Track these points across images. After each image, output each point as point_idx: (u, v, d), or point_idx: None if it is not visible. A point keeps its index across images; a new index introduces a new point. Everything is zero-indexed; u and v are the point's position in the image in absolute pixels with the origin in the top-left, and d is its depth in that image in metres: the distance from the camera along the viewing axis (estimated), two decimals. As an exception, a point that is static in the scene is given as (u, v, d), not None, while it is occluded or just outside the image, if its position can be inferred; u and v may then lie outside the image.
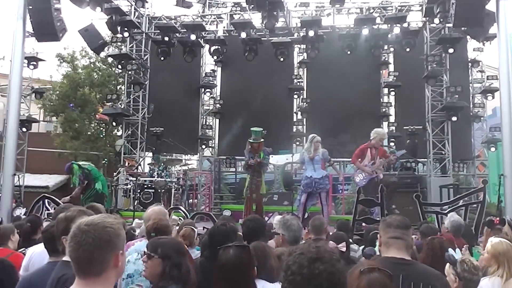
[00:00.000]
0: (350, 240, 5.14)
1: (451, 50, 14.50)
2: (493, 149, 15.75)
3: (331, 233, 5.06)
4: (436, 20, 13.67)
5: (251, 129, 11.05)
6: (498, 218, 5.07)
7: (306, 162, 10.02)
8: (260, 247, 3.31)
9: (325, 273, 1.78)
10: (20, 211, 10.62)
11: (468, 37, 14.90)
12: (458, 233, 5.83)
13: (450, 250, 4.03)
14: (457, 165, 15.86)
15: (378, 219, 7.61)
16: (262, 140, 10.92)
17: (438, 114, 15.38)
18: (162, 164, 13.71)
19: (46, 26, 10.78)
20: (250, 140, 10.88)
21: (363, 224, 7.97)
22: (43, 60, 15.74)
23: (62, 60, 20.90)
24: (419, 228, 6.05)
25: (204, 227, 7.16)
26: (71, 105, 19.99)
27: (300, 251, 1.85)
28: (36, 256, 3.87)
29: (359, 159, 10.32)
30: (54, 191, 16.98)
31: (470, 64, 16.66)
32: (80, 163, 11.10)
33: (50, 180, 19.33)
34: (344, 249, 4.39)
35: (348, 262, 4.19)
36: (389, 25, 14.82)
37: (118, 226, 2.05)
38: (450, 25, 13.04)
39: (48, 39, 11.37)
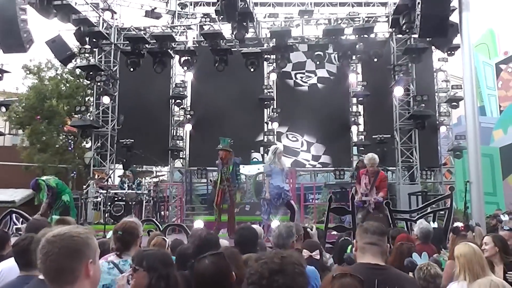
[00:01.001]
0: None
1: (417, 60, 14.88)
2: (459, 156, 16.16)
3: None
4: (402, 31, 13.99)
5: (220, 138, 11.05)
6: (463, 225, 5.20)
7: (276, 173, 9.96)
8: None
9: (284, 286, 1.80)
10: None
11: (433, 47, 15.31)
12: (427, 239, 5.96)
13: (414, 256, 4.10)
14: (424, 172, 16.18)
15: (349, 227, 7.71)
16: (231, 150, 10.86)
17: (406, 122, 15.71)
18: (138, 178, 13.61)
19: (12, 37, 10.62)
20: (217, 148, 10.85)
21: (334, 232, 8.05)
22: (9, 72, 15.41)
23: (28, 72, 20.52)
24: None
25: (176, 239, 7.09)
26: (38, 117, 19.63)
27: (265, 260, 1.87)
28: (6, 271, 3.80)
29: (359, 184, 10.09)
30: (21, 206, 16.56)
31: (435, 73, 17.09)
32: (44, 178, 10.88)
33: (17, 194, 18.87)
34: (318, 257, 4.44)
35: (322, 269, 4.25)
36: (356, 36, 15.09)
37: (87, 235, 2.05)
38: (416, 35, 13.38)
39: (15, 50, 11.18)
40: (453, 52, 14.95)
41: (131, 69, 15.60)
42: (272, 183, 9.84)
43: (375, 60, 15.24)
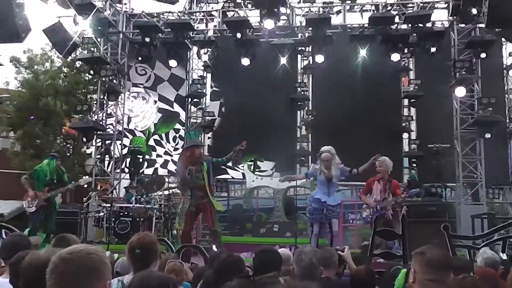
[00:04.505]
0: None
1: (483, 55, 14.70)
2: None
3: None
4: (466, 20, 13.87)
5: (189, 132, 10.90)
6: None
7: (319, 182, 9.75)
8: None
9: None
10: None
11: (503, 39, 15.11)
12: (494, 272, 5.87)
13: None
14: (491, 191, 15.95)
15: (398, 254, 7.66)
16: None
17: (469, 130, 15.51)
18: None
19: (6, 25, 10.82)
20: (195, 144, 10.41)
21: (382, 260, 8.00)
22: (1, 65, 15.84)
23: (18, 65, 20.89)
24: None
25: (192, 263, 7.14)
26: (32, 117, 19.99)
27: None
28: None
29: (367, 194, 10.31)
30: (11, 220, 16.85)
31: (505, 71, 16.84)
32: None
33: (6, 207, 19.20)
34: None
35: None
36: (409, 25, 15.01)
37: (103, 254, 2.15)
38: (482, 25, 13.23)
39: (9, 40, 11.37)
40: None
41: (142, 63, 15.85)
42: (312, 195, 9.73)
43: (432, 54, 15.12)
